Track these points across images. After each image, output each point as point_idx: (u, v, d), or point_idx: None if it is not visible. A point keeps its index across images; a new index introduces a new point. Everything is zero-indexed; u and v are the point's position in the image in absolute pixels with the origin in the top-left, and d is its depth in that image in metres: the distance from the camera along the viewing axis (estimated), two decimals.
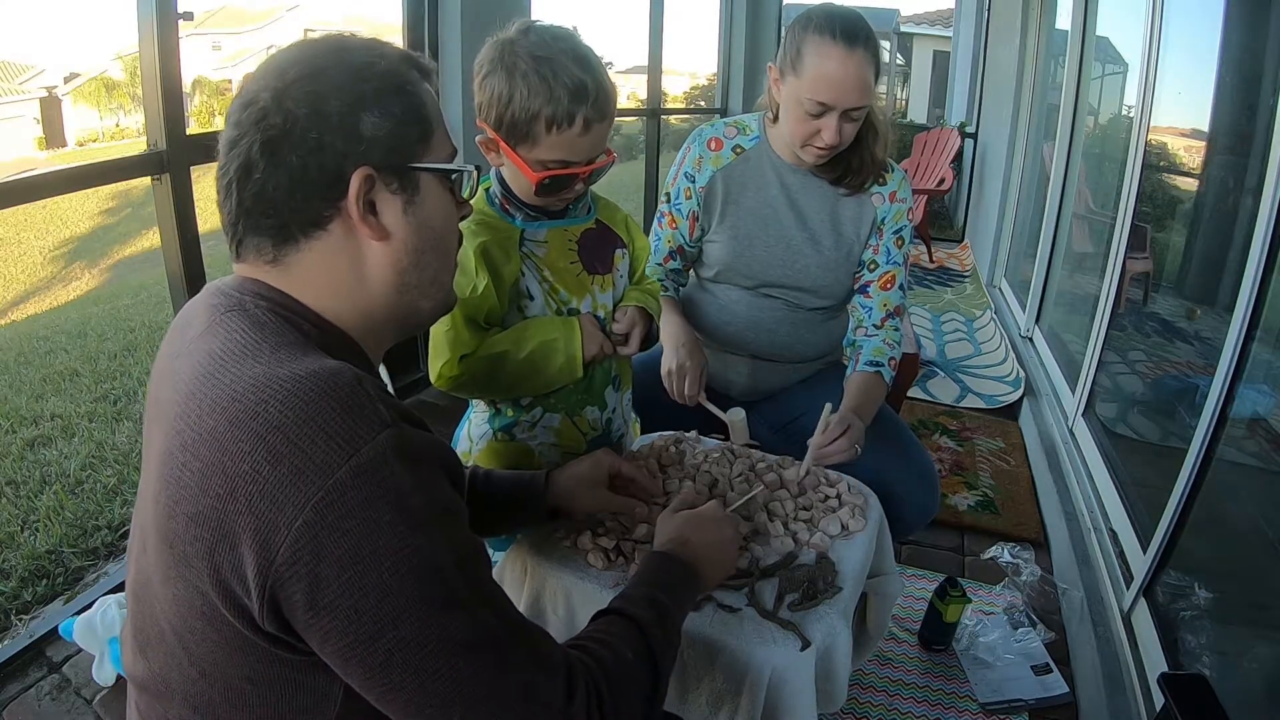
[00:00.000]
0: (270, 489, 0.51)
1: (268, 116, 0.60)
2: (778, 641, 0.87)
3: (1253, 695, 1.34)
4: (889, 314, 1.44)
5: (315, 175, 0.60)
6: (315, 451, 0.51)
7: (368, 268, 0.65)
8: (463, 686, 0.56)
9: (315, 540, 0.51)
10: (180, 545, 0.55)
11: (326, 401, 0.53)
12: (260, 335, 0.59)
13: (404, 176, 0.64)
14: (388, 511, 0.52)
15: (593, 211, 1.15)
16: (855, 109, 1.24)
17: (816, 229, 1.40)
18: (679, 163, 1.46)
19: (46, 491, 2.46)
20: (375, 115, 0.61)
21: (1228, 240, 1.90)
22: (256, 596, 0.52)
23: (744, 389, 1.50)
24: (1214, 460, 1.47)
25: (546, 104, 0.93)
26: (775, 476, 1.15)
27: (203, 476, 0.54)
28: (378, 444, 0.53)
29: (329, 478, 0.51)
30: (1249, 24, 1.98)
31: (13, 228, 7.35)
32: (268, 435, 0.52)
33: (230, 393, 0.55)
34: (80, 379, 3.57)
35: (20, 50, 14.06)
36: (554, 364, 1.05)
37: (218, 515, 0.53)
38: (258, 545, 0.51)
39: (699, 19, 12.15)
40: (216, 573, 0.54)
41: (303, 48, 0.63)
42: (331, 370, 0.55)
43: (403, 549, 0.52)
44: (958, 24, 8.01)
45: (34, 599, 1.88)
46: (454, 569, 0.56)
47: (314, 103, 0.60)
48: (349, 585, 0.51)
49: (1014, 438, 2.71)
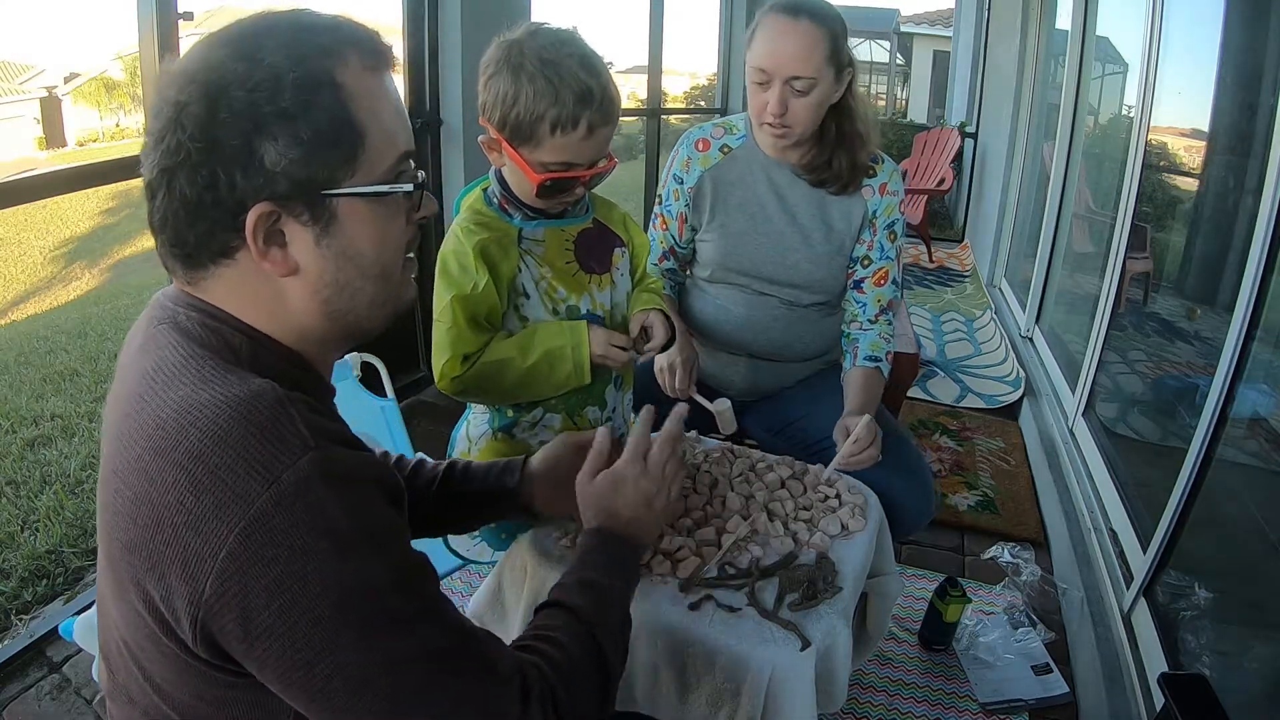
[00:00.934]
0: (194, 520, 0.50)
1: (165, 139, 0.55)
2: (778, 641, 0.87)
3: (1253, 695, 1.34)
4: (883, 309, 1.45)
5: (211, 210, 0.56)
6: (235, 481, 0.50)
7: (286, 297, 0.61)
8: (410, 705, 0.55)
9: (241, 571, 0.50)
10: (118, 569, 0.55)
11: (245, 428, 0.52)
12: (188, 352, 0.57)
13: (316, 207, 0.58)
14: (313, 537, 0.51)
15: (590, 211, 1.15)
16: (797, 78, 1.24)
17: (806, 224, 1.40)
18: (669, 165, 1.48)
19: (47, 491, 2.46)
20: (280, 143, 0.55)
21: (1228, 240, 1.90)
22: (189, 626, 0.52)
23: (743, 389, 1.50)
24: (1214, 460, 1.47)
25: (551, 106, 0.94)
26: (776, 476, 1.15)
27: (133, 505, 0.53)
28: (299, 469, 0.51)
29: (250, 507, 0.50)
30: (1249, 24, 1.98)
31: (13, 228, 7.34)
32: (189, 465, 0.51)
33: (155, 419, 0.54)
34: (80, 379, 3.57)
35: (20, 50, 14.07)
36: (561, 371, 1.05)
37: (147, 545, 0.52)
38: (186, 577, 0.51)
39: (699, 19, 12.15)
40: (149, 601, 0.54)
41: (210, 49, 0.56)
42: (253, 393, 0.54)
43: (331, 574, 0.51)
44: (958, 24, 8.00)
45: (34, 599, 1.88)
46: (391, 589, 0.54)
47: (209, 131, 0.54)
48: (280, 614, 0.50)
49: (1014, 438, 2.71)
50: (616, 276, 1.15)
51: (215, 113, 0.54)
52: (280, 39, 0.56)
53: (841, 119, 1.34)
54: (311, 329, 0.63)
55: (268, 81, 0.54)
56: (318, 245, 0.59)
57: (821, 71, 1.24)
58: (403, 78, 2.56)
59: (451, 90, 2.61)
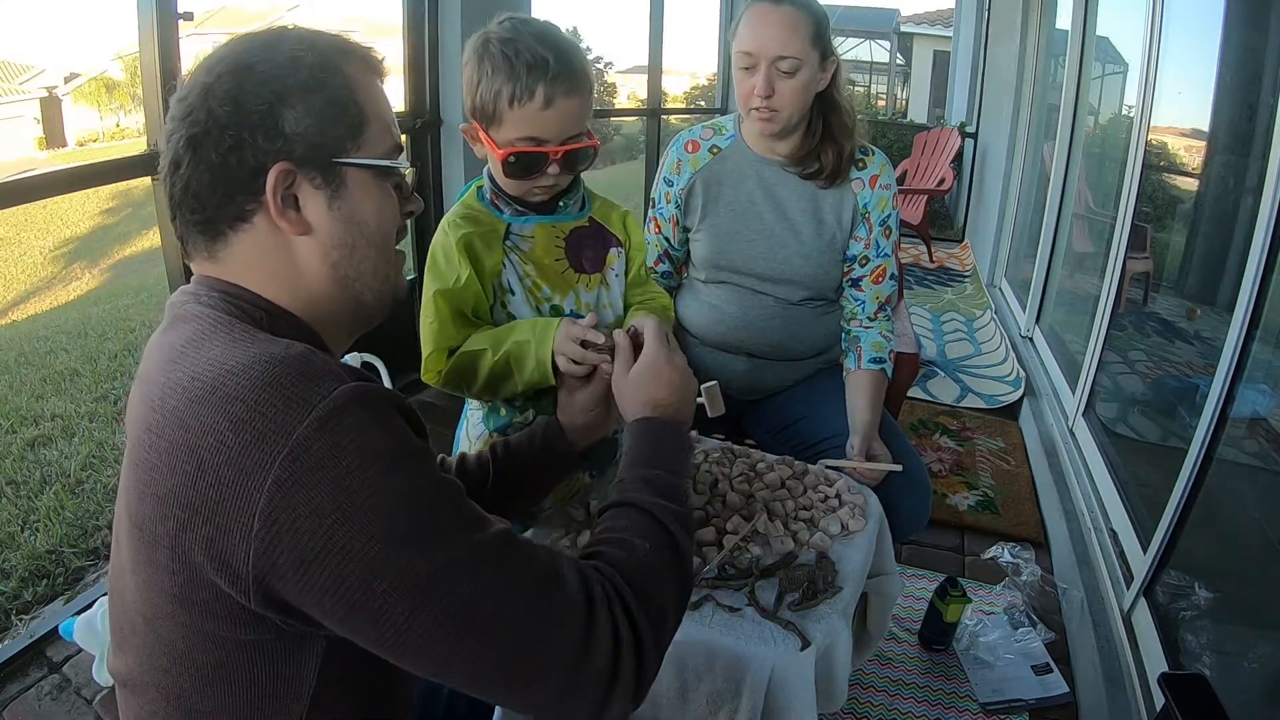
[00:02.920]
0: (236, 457, 0.51)
1: (193, 113, 0.61)
2: (778, 641, 0.87)
3: (1253, 695, 1.34)
4: (881, 305, 1.45)
5: (235, 171, 0.61)
6: (275, 414, 0.52)
7: (299, 259, 0.65)
8: (470, 613, 0.55)
9: (289, 497, 0.51)
10: (150, 526, 0.55)
11: (282, 368, 0.54)
12: (215, 319, 0.61)
13: (327, 171, 0.63)
14: (356, 457, 0.52)
15: (586, 209, 1.14)
16: (782, 58, 1.26)
17: (797, 219, 1.41)
18: (660, 169, 1.50)
19: (47, 491, 2.46)
20: (298, 111, 0.61)
21: (1228, 240, 1.90)
22: (242, 570, 0.52)
23: (742, 388, 1.50)
24: (1214, 460, 1.47)
25: (507, 81, 0.95)
26: (776, 476, 1.15)
27: (170, 456, 0.54)
28: (336, 396, 0.53)
29: (291, 435, 0.51)
30: (1249, 24, 1.98)
31: (13, 228, 7.35)
32: (229, 406, 0.53)
33: (190, 373, 0.56)
34: (80, 379, 3.57)
35: (20, 50, 14.06)
36: (525, 368, 1.01)
37: (187, 493, 0.53)
38: (234, 518, 0.51)
39: (699, 19, 12.15)
40: (188, 553, 0.54)
41: (235, 43, 0.64)
42: (285, 344, 0.57)
43: (379, 490, 0.53)
44: (958, 24, 7.99)
45: (34, 599, 1.88)
46: (435, 502, 0.56)
47: (236, 100, 0.60)
48: (332, 535, 0.51)
49: (1014, 438, 2.71)
50: (610, 277, 1.15)
51: (243, 84, 0.60)
52: (294, 39, 0.64)
53: (828, 111, 1.36)
54: (322, 296, 0.66)
55: (288, 62, 0.62)
56: (329, 208, 0.64)
57: (806, 54, 1.27)
58: (403, 77, 2.56)
59: (451, 90, 2.62)
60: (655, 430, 0.81)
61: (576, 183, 1.12)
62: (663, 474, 0.75)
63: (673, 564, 0.69)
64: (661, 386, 0.85)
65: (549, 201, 1.09)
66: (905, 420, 2.75)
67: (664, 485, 0.74)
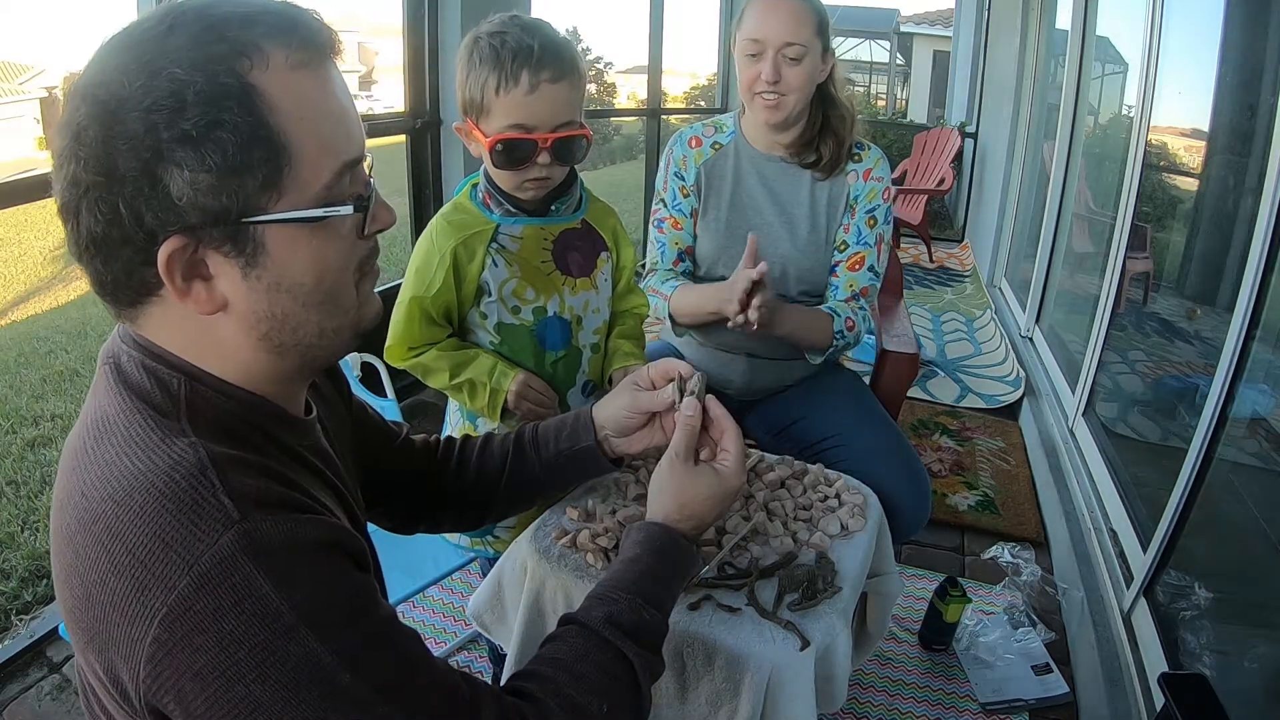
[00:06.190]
0: (119, 601, 0.47)
1: (65, 167, 0.49)
2: (777, 641, 0.87)
3: (1253, 695, 1.34)
4: (854, 294, 1.42)
5: (121, 247, 0.50)
6: (154, 564, 0.47)
7: (220, 335, 0.55)
8: None
9: (170, 658, 0.46)
10: (69, 623, 0.53)
11: (161, 504, 0.48)
12: (121, 404, 0.53)
13: (238, 236, 0.51)
14: (239, 620, 0.46)
15: (581, 211, 1.14)
16: (790, 44, 1.28)
17: (794, 214, 1.42)
18: (665, 167, 1.49)
19: (47, 491, 2.46)
20: (185, 171, 0.48)
21: (1228, 240, 1.90)
22: (136, 701, 0.49)
23: (741, 388, 1.50)
24: (1214, 460, 1.47)
25: (493, 70, 0.96)
26: (776, 476, 1.15)
27: (66, 573, 0.51)
28: (220, 548, 0.47)
29: (170, 593, 0.46)
30: (1249, 24, 1.98)
31: (13, 228, 7.33)
32: (109, 544, 0.48)
33: (82, 486, 0.51)
34: (80, 379, 3.57)
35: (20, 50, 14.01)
36: (477, 403, 1.09)
37: (83, 618, 0.50)
38: (120, 656, 0.48)
39: (699, 19, 12.15)
40: (91, 665, 0.52)
41: (106, 58, 0.50)
42: (171, 464, 0.49)
43: (266, 659, 0.47)
44: (958, 24, 7.99)
45: (34, 599, 1.88)
46: (340, 666, 0.49)
47: (105, 163, 0.48)
48: (216, 700, 0.47)
49: (1014, 438, 2.71)
50: (599, 281, 1.15)
51: (111, 140, 0.47)
52: (185, 38, 0.49)
53: (826, 104, 1.39)
54: (257, 365, 0.57)
55: (167, 99, 0.47)
56: (245, 278, 0.53)
57: (811, 42, 1.30)
58: (403, 77, 2.56)
59: (452, 90, 2.60)
60: (670, 542, 0.75)
61: (572, 184, 1.12)
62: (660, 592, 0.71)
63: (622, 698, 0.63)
64: (709, 502, 0.77)
65: (542, 203, 1.09)
66: (905, 420, 2.75)
67: (650, 627, 0.69)
